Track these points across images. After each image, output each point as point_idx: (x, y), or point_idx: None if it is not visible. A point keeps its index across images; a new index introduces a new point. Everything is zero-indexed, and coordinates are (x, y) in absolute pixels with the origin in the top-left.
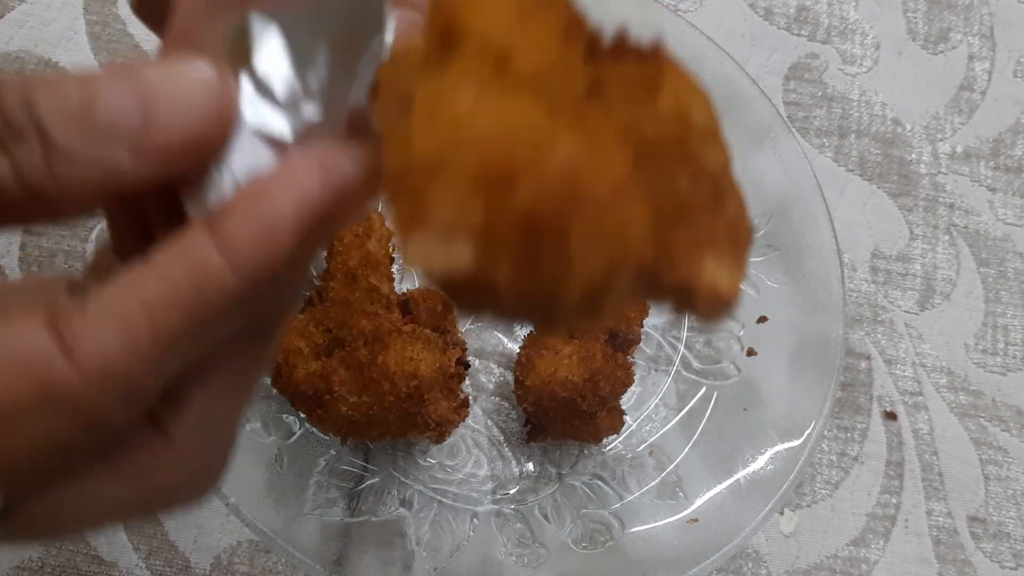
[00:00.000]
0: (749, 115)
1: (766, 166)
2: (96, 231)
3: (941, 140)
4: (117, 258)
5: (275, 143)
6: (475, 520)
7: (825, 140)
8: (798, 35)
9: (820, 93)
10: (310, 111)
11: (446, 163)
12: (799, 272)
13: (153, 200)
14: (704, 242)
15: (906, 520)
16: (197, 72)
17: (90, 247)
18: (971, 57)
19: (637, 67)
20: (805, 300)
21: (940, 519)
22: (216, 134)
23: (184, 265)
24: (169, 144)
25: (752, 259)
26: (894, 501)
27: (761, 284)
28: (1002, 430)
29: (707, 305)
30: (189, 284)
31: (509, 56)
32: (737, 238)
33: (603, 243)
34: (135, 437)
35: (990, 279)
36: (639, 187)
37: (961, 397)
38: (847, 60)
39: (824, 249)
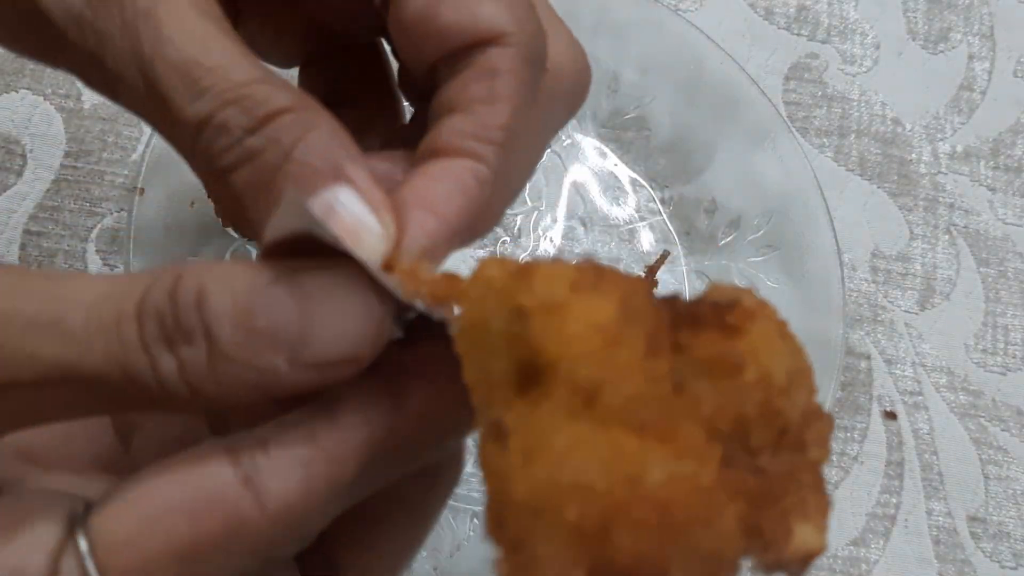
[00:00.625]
0: (749, 115)
1: (766, 166)
2: (95, 231)
3: (941, 140)
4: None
5: None
6: (475, 520)
7: (825, 140)
8: (798, 35)
9: (820, 93)
10: None
11: (546, 510)
12: (799, 272)
13: None
14: (792, 511)
15: (906, 520)
16: (355, 295)
17: (90, 247)
18: (971, 57)
19: (719, 333)
20: (805, 300)
21: (940, 519)
22: (368, 355)
23: (359, 419)
24: (325, 360)
25: (752, 259)
26: (894, 501)
27: (761, 284)
28: (1002, 430)
29: (798, 564)
30: (365, 434)
31: (599, 391)
32: (818, 481)
33: (703, 563)
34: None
35: (990, 279)
36: (730, 480)
37: (961, 397)
38: (847, 60)
39: (824, 249)
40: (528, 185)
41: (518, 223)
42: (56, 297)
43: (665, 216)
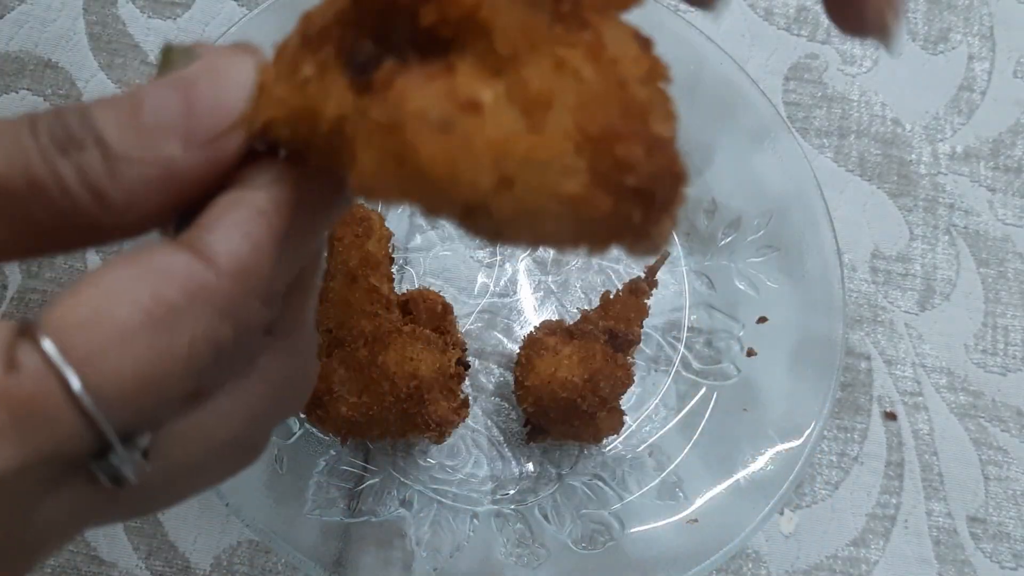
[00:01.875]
0: (749, 115)
1: (766, 166)
2: None
3: (941, 140)
4: None
5: None
6: (475, 520)
7: (825, 140)
8: (798, 35)
9: (820, 93)
10: None
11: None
12: (799, 272)
13: None
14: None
15: (906, 520)
16: (235, 61)
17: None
18: (971, 57)
19: None
20: (805, 300)
21: (940, 519)
22: (249, 116)
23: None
24: (214, 127)
25: (752, 259)
26: (894, 501)
27: (761, 284)
28: (1002, 430)
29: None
30: (283, 191)
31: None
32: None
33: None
34: (258, 342)
35: (990, 279)
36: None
37: (961, 397)
38: (847, 60)
39: (824, 249)
40: None
41: None
42: None
43: None
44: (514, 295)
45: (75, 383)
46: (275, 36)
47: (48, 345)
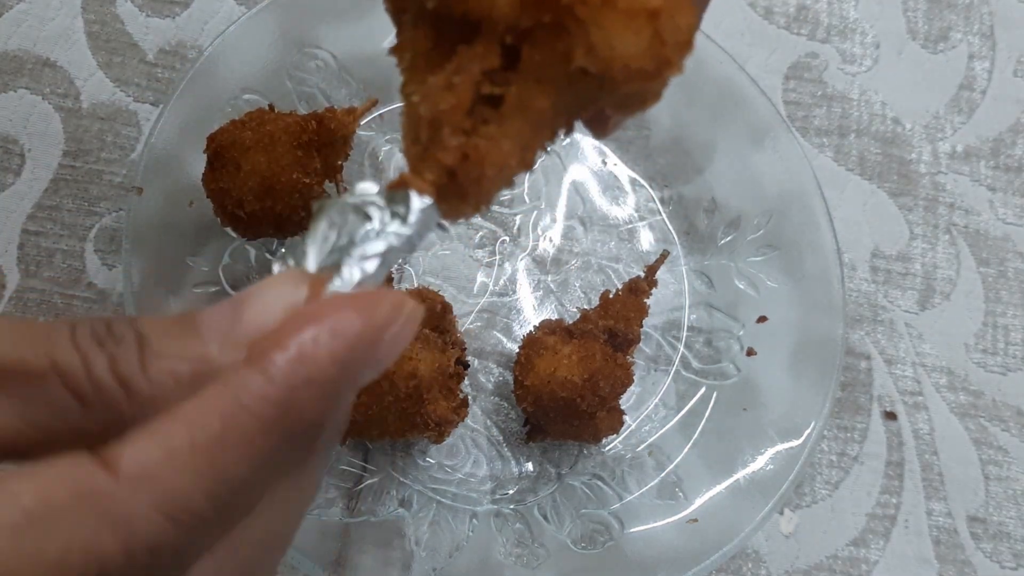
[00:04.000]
0: (749, 115)
1: (766, 166)
2: (94, 231)
3: (941, 140)
4: None
5: None
6: (474, 520)
7: (825, 140)
8: (798, 34)
9: (820, 92)
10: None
11: None
12: (799, 272)
13: None
14: None
15: (906, 520)
16: (283, 280)
17: (89, 246)
18: (971, 56)
19: None
20: (805, 300)
21: (940, 519)
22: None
23: (223, 388)
24: (255, 331)
25: (752, 259)
26: (894, 501)
27: (761, 284)
28: (1002, 430)
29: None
30: (229, 400)
31: None
32: None
33: None
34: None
35: (990, 279)
36: None
37: (961, 397)
38: (847, 59)
39: (824, 249)
40: (527, 184)
41: (517, 222)
42: None
43: (665, 216)
44: (513, 294)
45: None
46: (274, 35)
47: None
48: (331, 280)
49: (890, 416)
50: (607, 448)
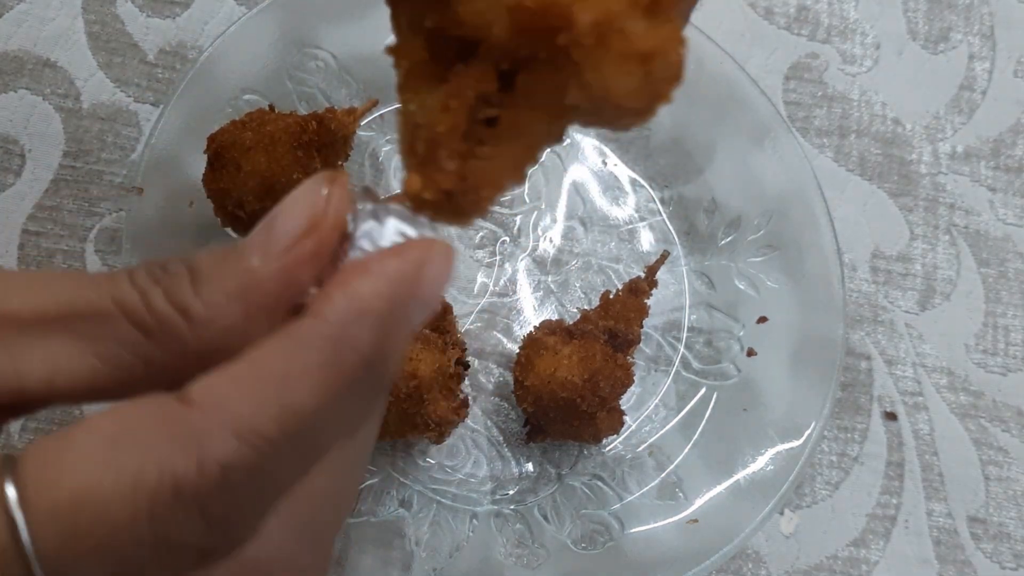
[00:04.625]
0: (749, 115)
1: (766, 166)
2: (94, 231)
3: (941, 140)
4: None
5: None
6: (474, 520)
7: (825, 140)
8: (798, 35)
9: (820, 93)
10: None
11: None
12: (799, 272)
13: None
14: None
15: (906, 521)
16: (305, 187)
17: (89, 247)
18: (971, 57)
19: None
20: (805, 300)
21: (940, 520)
22: (326, 227)
23: (282, 331)
24: (289, 237)
25: (752, 259)
26: (894, 502)
27: (761, 284)
28: (1002, 430)
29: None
30: (289, 339)
31: None
32: None
33: None
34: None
35: (990, 279)
36: None
37: (961, 397)
38: (847, 60)
39: (824, 249)
40: (527, 184)
41: (518, 223)
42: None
43: (665, 216)
44: (514, 295)
45: (24, 537)
46: (274, 35)
47: (11, 492)
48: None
49: (890, 416)
50: (607, 448)
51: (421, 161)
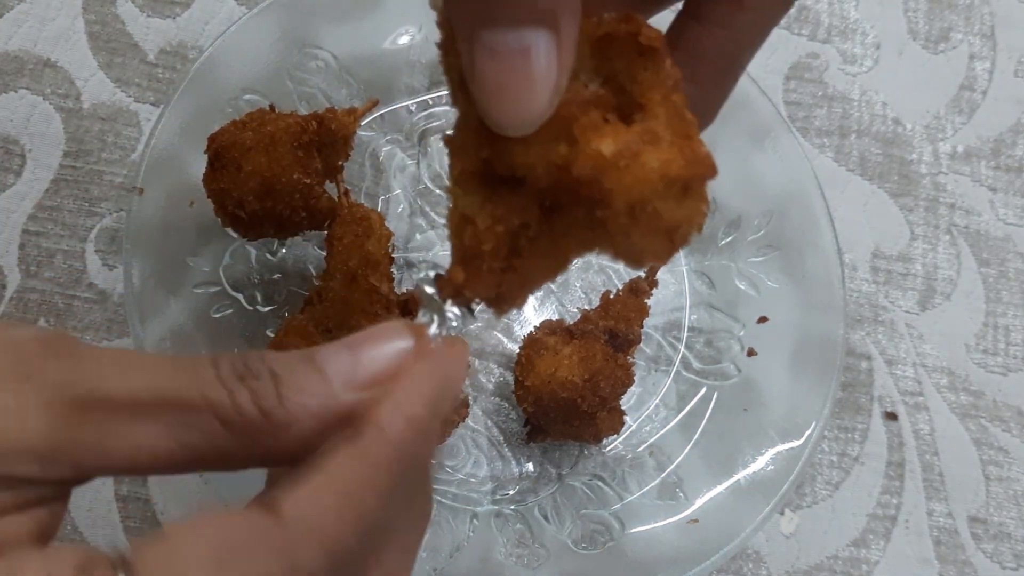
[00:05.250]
0: (749, 115)
1: (766, 166)
2: (94, 231)
3: (942, 140)
4: None
5: None
6: (475, 520)
7: (825, 140)
8: (798, 35)
9: (820, 93)
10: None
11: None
12: (799, 272)
13: None
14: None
15: (907, 520)
16: (392, 328)
17: (89, 247)
18: (972, 57)
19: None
20: (805, 300)
21: (941, 519)
22: (404, 368)
23: (352, 446)
24: (372, 376)
25: (752, 259)
26: (895, 502)
27: (761, 284)
28: (1003, 430)
29: (588, 170)
30: (359, 455)
31: None
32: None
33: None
34: None
35: (991, 279)
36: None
37: (962, 397)
38: (848, 60)
39: (824, 249)
40: None
41: None
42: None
43: None
44: None
45: None
46: (274, 35)
47: None
48: (429, 329)
49: (891, 416)
50: (608, 448)
51: (466, 255)
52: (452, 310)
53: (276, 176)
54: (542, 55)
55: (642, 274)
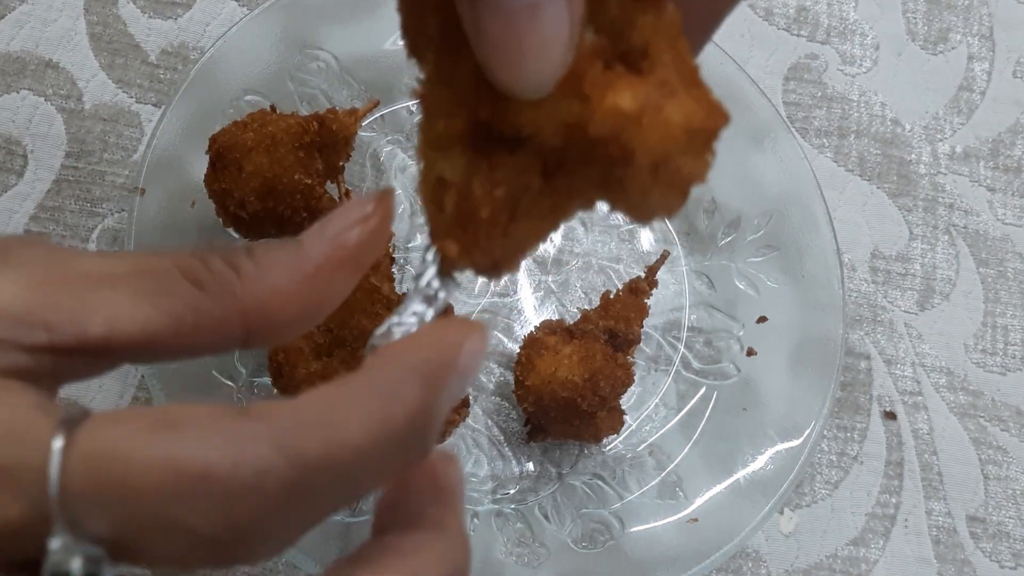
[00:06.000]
0: (749, 115)
1: (766, 166)
2: (96, 232)
3: (940, 140)
4: None
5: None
6: (475, 520)
7: (825, 140)
8: (798, 35)
9: (820, 93)
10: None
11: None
12: (799, 272)
13: None
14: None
15: (906, 520)
16: (355, 202)
17: (91, 247)
18: (970, 57)
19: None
20: (805, 300)
21: (940, 519)
22: (375, 231)
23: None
24: (337, 229)
25: (752, 259)
26: (894, 501)
27: (761, 284)
28: (1001, 430)
29: (606, 127)
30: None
31: None
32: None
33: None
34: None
35: (989, 279)
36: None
37: (961, 397)
38: (847, 60)
39: (824, 249)
40: None
41: None
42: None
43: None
44: (514, 295)
45: (54, 463)
46: (275, 36)
47: (58, 442)
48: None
49: (890, 416)
50: (608, 448)
51: (453, 223)
52: (433, 281)
53: (277, 177)
54: (552, 9)
55: (642, 274)
